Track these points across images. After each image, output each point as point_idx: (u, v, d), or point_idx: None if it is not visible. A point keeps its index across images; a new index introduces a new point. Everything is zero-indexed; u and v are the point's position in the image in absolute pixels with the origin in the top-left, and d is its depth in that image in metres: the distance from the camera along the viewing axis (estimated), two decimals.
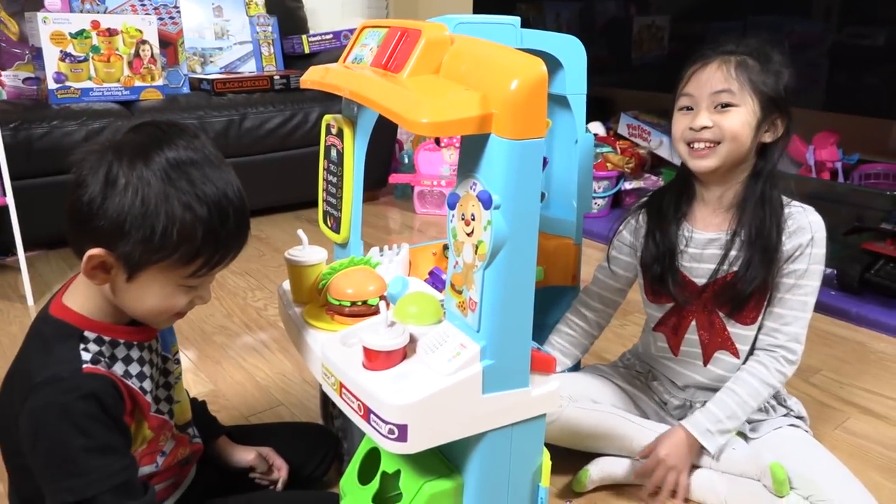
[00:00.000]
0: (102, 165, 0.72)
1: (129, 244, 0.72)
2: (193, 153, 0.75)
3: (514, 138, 0.70)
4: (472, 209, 0.74)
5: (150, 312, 0.79)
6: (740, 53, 1.04)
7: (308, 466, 1.09)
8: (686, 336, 1.15)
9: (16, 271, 2.02)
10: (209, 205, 0.74)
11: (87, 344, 0.77)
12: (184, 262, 0.75)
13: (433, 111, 0.70)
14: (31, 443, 0.73)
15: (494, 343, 0.75)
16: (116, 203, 0.71)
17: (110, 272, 0.75)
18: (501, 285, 0.73)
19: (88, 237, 0.73)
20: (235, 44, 2.75)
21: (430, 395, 0.73)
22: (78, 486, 0.72)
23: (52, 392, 0.72)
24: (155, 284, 0.76)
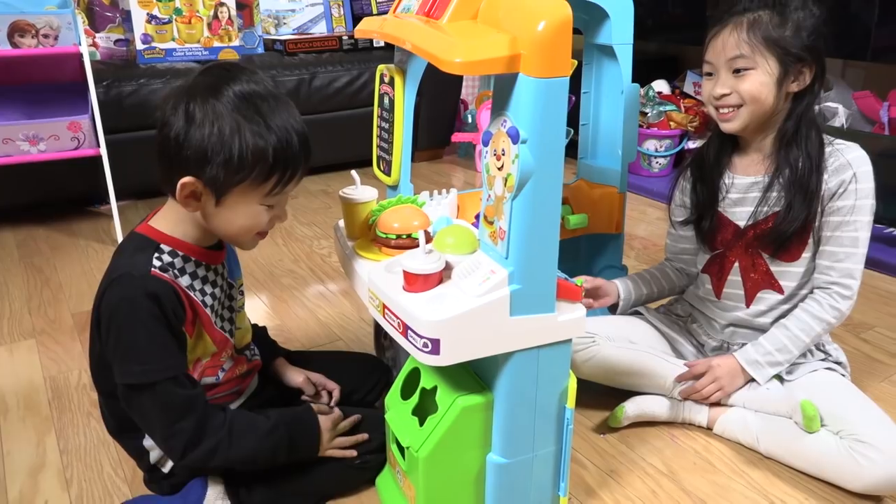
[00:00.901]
0: (181, 105, 0.83)
1: (213, 168, 0.83)
2: (256, 86, 0.86)
3: (540, 77, 0.75)
4: (502, 145, 0.81)
5: (239, 231, 0.90)
6: (754, 10, 1.05)
7: (360, 391, 1.19)
8: (729, 278, 1.18)
9: (108, 218, 2.22)
10: (275, 129, 0.85)
11: (161, 255, 0.88)
12: (261, 181, 0.86)
13: (465, 51, 0.76)
14: (105, 331, 0.85)
15: (521, 269, 0.82)
16: (197, 134, 0.82)
17: (201, 199, 0.86)
18: (528, 215, 0.79)
19: (178, 168, 0.84)
20: (307, 6, 2.85)
21: (461, 314, 0.81)
22: (137, 372, 0.84)
23: (122, 288, 0.84)
24: (240, 205, 0.87)
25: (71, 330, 1.56)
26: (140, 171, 2.29)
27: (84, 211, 2.32)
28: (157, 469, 0.97)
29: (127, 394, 0.87)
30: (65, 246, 2.05)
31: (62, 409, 1.27)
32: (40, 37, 1.83)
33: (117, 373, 0.86)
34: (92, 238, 2.11)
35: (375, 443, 1.04)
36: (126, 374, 0.85)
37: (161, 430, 0.87)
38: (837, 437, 1.03)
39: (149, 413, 0.87)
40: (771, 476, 1.08)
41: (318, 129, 2.56)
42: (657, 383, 1.18)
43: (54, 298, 1.72)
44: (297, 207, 2.34)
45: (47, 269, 1.89)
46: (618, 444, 1.16)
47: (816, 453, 1.04)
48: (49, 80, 2.06)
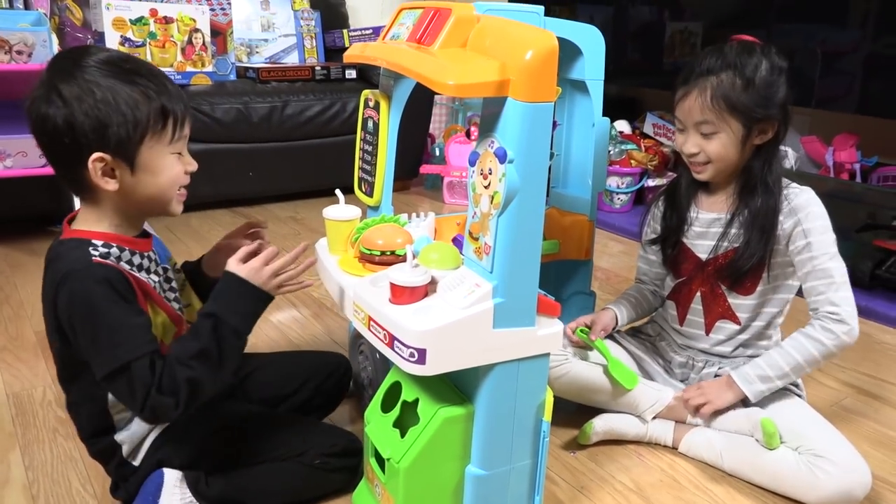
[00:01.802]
0: (52, 93, 0.83)
1: (114, 133, 0.84)
2: (109, 52, 0.89)
3: (527, 101, 0.80)
4: (489, 164, 0.85)
5: (164, 188, 0.91)
6: (719, 71, 1.10)
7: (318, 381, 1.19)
8: (692, 306, 1.25)
9: None
10: (147, 77, 0.87)
11: (96, 248, 0.88)
12: (159, 130, 0.88)
13: (458, 75, 0.81)
14: (70, 331, 0.85)
15: (505, 283, 0.85)
16: (84, 108, 0.83)
17: (116, 174, 0.87)
18: (513, 230, 0.83)
19: (80, 152, 0.84)
20: (280, 36, 2.90)
21: (447, 325, 0.84)
22: (112, 355, 0.83)
23: (72, 281, 0.84)
24: (154, 161, 0.88)
25: (34, 347, 1.53)
26: None
27: (45, 231, 2.27)
28: (127, 464, 0.97)
29: (110, 386, 0.87)
30: (25, 264, 2.01)
31: (26, 426, 1.24)
32: (13, 53, 1.83)
33: (95, 367, 0.86)
34: None
35: (339, 447, 1.04)
36: (101, 364, 0.85)
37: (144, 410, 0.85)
38: (796, 452, 1.08)
39: (129, 396, 0.85)
40: (733, 492, 1.13)
41: (288, 155, 2.59)
42: (626, 402, 1.23)
43: (15, 316, 1.68)
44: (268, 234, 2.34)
45: (7, 286, 1.85)
46: (587, 462, 1.20)
47: (776, 468, 1.09)
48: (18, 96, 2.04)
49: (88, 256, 0.85)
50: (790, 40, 2.35)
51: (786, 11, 2.37)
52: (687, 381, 1.28)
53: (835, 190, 2.12)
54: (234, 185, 2.53)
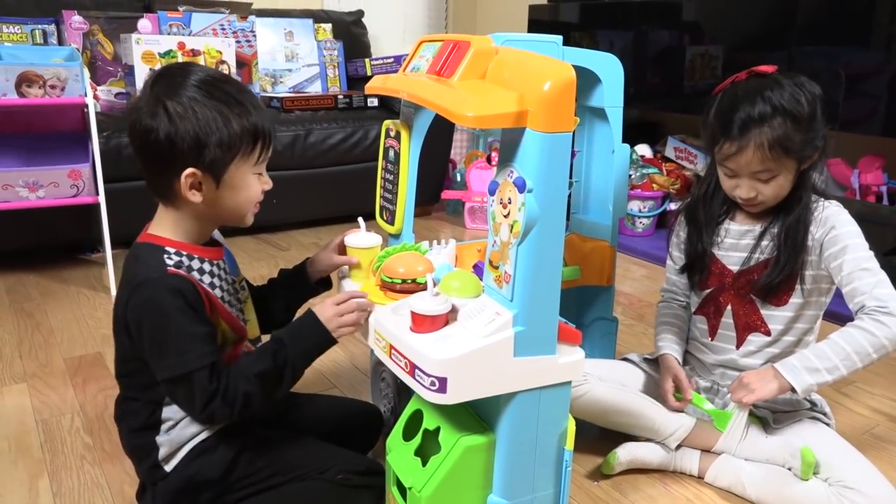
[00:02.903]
0: (158, 108, 0.90)
1: (209, 152, 0.90)
2: (208, 72, 0.94)
3: (545, 131, 0.81)
4: (508, 193, 0.86)
5: (243, 203, 0.98)
6: (770, 118, 1.09)
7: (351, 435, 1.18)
8: (723, 320, 1.24)
9: (99, 266, 2.23)
10: (244, 100, 0.94)
11: (170, 255, 0.93)
12: (248, 152, 0.94)
13: (477, 106, 0.82)
14: (138, 334, 0.90)
15: (525, 311, 0.86)
16: (186, 126, 0.89)
17: (202, 188, 0.92)
18: (533, 259, 0.84)
19: (176, 165, 0.90)
20: (304, 66, 2.96)
21: (468, 353, 0.84)
22: (176, 363, 0.89)
23: (146, 289, 0.89)
24: (237, 179, 0.95)
25: (63, 374, 1.55)
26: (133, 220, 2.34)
27: (75, 258, 2.33)
28: (159, 468, 0.99)
29: (168, 389, 0.92)
30: (55, 292, 2.05)
31: (55, 452, 1.26)
32: (47, 87, 1.89)
33: (156, 370, 0.91)
34: (83, 285, 2.11)
35: (362, 465, 1.05)
36: (164, 368, 0.90)
37: (202, 414, 0.91)
38: (826, 483, 1.06)
39: (188, 401, 0.92)
40: None
41: (311, 183, 2.62)
42: (646, 426, 1.21)
43: (45, 343, 1.71)
44: (289, 260, 2.37)
45: (38, 314, 1.89)
46: (611, 492, 1.18)
47: (806, 500, 1.07)
48: (50, 129, 2.11)
49: (163, 265, 0.92)
50: (813, 62, 2.34)
51: (808, 34, 2.36)
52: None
53: (861, 212, 2.07)
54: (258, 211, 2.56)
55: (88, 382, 1.51)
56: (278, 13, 2.97)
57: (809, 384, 1.08)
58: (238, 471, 1.01)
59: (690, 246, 1.26)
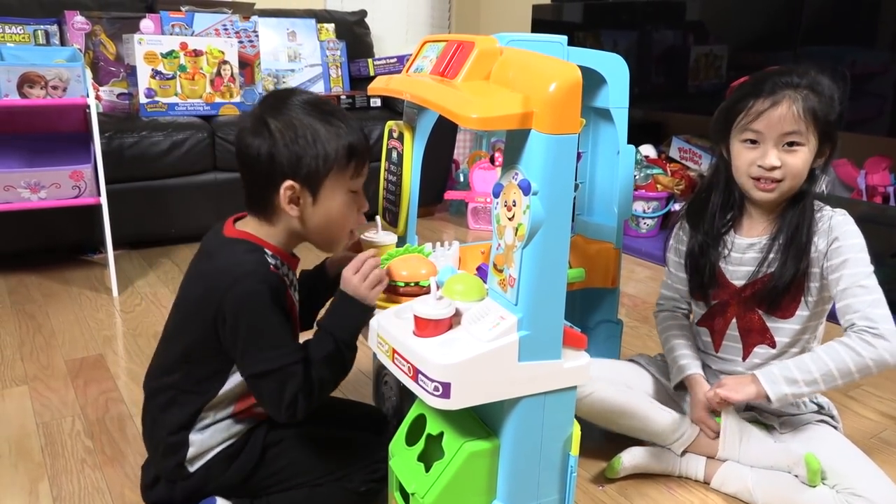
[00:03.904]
0: (261, 126, 0.95)
1: (307, 165, 0.95)
2: (309, 95, 1.00)
3: (551, 133, 0.80)
4: (513, 196, 0.85)
5: (337, 221, 1.01)
6: (804, 87, 1.08)
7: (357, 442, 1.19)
8: (728, 332, 1.22)
9: (101, 267, 2.23)
10: (340, 118, 0.99)
11: (268, 256, 0.98)
12: (343, 168, 0.97)
13: (481, 108, 0.81)
14: (234, 322, 0.93)
15: (530, 315, 0.84)
16: (286, 141, 0.94)
17: (299, 202, 0.97)
18: (537, 262, 0.83)
19: (275, 179, 0.95)
20: (306, 66, 2.95)
21: (471, 358, 0.83)
22: (273, 356, 0.93)
23: (252, 281, 0.93)
24: (333, 194, 0.98)
25: (64, 377, 1.54)
26: (136, 220, 2.35)
27: (76, 259, 2.32)
28: (183, 467, 1.00)
29: (255, 383, 0.95)
30: (57, 293, 2.04)
31: (55, 456, 1.25)
32: (49, 88, 1.88)
33: (247, 363, 0.94)
34: (85, 286, 2.10)
35: (378, 474, 1.05)
36: (258, 361, 0.93)
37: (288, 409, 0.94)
38: (833, 490, 1.05)
39: (276, 395, 0.94)
40: None
41: None
42: (652, 430, 1.20)
43: (47, 345, 1.70)
44: None
45: (39, 315, 1.88)
46: (616, 496, 1.17)
47: None
48: (52, 129, 2.10)
49: (266, 263, 0.96)
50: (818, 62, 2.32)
51: (813, 33, 2.35)
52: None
53: (868, 214, 2.08)
54: None
55: (90, 385, 1.51)
56: (281, 13, 2.96)
57: (785, 394, 1.09)
58: (259, 473, 1.03)
59: (694, 258, 1.23)
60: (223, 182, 2.43)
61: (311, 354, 0.96)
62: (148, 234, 2.44)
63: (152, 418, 1.03)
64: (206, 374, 0.99)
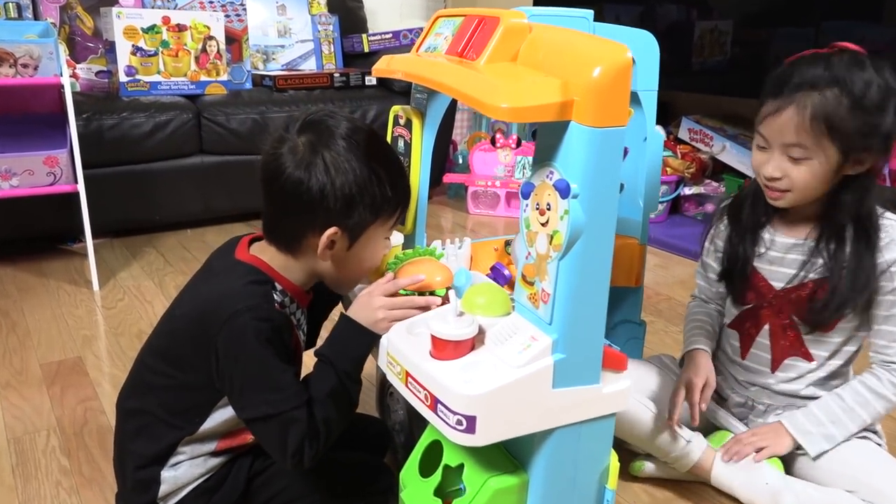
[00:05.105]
0: (313, 158, 0.83)
1: (359, 211, 0.85)
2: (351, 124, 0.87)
3: (595, 126, 0.68)
4: (547, 198, 0.73)
5: (367, 268, 0.93)
6: (823, 85, 0.94)
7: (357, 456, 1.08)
8: (757, 339, 1.11)
9: (81, 257, 2.09)
10: (394, 162, 0.91)
11: (276, 292, 0.88)
12: (389, 215, 0.89)
13: (513, 96, 0.69)
14: (231, 360, 0.82)
15: (567, 336, 0.73)
16: (342, 183, 0.83)
17: (334, 246, 0.87)
18: (577, 277, 0.71)
19: (318, 219, 0.84)
20: (297, 42, 2.79)
21: (500, 387, 0.72)
22: (274, 400, 0.82)
23: (253, 317, 0.82)
24: (371, 242, 0.89)
25: (39, 383, 1.42)
26: (118, 207, 2.21)
27: (55, 249, 2.19)
28: None
29: (257, 427, 0.85)
30: (34, 287, 1.91)
31: (27, 478, 1.13)
32: (19, 66, 1.73)
33: (245, 406, 0.84)
34: (64, 279, 1.97)
35: (382, 485, 0.98)
36: (258, 404, 0.83)
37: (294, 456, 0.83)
38: None
39: (278, 441, 0.83)
40: None
41: None
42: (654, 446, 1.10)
43: (21, 346, 1.58)
44: None
45: (14, 312, 1.76)
46: None
47: None
48: (25, 111, 1.95)
49: (271, 300, 0.86)
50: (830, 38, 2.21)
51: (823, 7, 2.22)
52: (747, 422, 1.15)
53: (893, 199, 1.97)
54: (251, 198, 2.40)
55: (66, 392, 1.39)
56: None
57: (823, 449, 1.04)
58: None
59: (731, 252, 1.12)
60: (210, 166, 2.29)
61: (312, 392, 0.85)
62: (131, 221, 2.30)
63: (121, 447, 0.92)
64: (184, 406, 0.87)
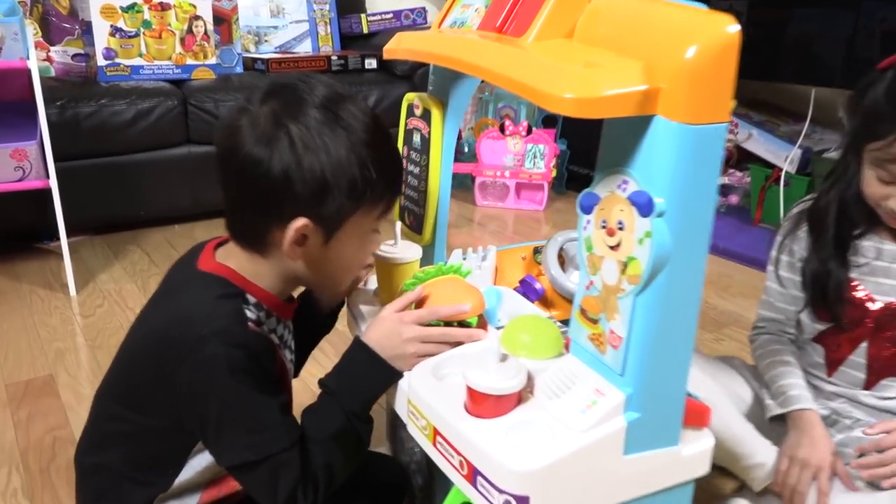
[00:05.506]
0: (275, 132, 0.66)
1: (333, 200, 0.67)
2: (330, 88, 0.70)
3: (688, 122, 0.52)
4: (619, 215, 0.57)
5: (349, 268, 0.77)
6: None
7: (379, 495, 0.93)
8: (850, 358, 0.96)
9: (59, 257, 1.91)
10: (383, 136, 0.71)
11: (249, 306, 0.71)
12: (375, 202, 0.71)
13: (580, 84, 0.52)
14: (201, 398, 0.66)
15: (644, 391, 0.57)
16: (312, 163, 0.65)
17: (305, 243, 0.69)
18: (659, 317, 0.55)
19: (283, 210, 0.67)
20: (291, 22, 2.61)
21: (561, 459, 0.56)
22: (259, 442, 0.67)
23: (222, 344, 0.65)
24: (353, 236, 0.72)
25: (3, 407, 1.26)
26: (98, 202, 2.04)
27: (30, 248, 2.01)
28: None
29: (242, 475, 0.70)
30: (5, 292, 1.74)
31: None
32: None
33: (224, 451, 0.69)
34: (38, 283, 1.80)
35: None
36: (240, 449, 0.67)
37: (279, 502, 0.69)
38: None
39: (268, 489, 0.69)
40: None
41: None
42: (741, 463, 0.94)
43: None
44: None
45: None
46: None
47: None
48: None
49: (243, 318, 0.69)
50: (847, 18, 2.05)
51: None
52: None
53: None
54: None
55: (34, 420, 1.22)
56: None
57: None
58: None
59: (819, 265, 0.96)
60: (198, 156, 2.11)
61: (311, 432, 0.70)
62: (112, 217, 2.13)
63: None
64: (153, 457, 0.72)
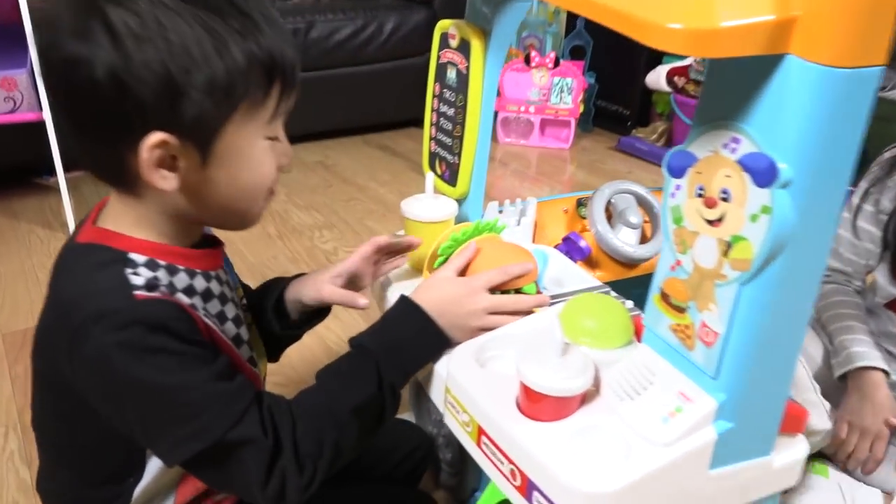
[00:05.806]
0: (92, 22, 0.48)
1: (191, 103, 0.50)
2: None
3: (832, 64, 0.39)
4: (724, 182, 0.45)
5: (248, 191, 0.58)
6: None
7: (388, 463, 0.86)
8: None
9: (58, 193, 1.81)
10: (247, 9, 0.52)
11: (136, 268, 0.54)
12: (259, 100, 0.54)
13: (690, 12, 0.40)
14: (112, 397, 0.54)
15: (741, 399, 0.47)
16: (147, 57, 0.48)
17: (177, 166, 0.53)
18: (771, 314, 0.45)
19: (129, 127, 0.50)
20: None
21: (640, 479, 0.46)
22: (199, 428, 0.53)
23: (105, 331, 0.51)
24: (240, 149, 0.55)
25: (0, 359, 1.19)
26: None
27: (29, 184, 1.91)
28: None
29: (202, 471, 0.58)
30: (2, 232, 1.65)
31: None
32: None
33: (164, 451, 0.56)
34: (36, 221, 1.71)
35: None
36: (182, 444, 0.54)
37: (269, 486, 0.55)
38: None
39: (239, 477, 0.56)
40: None
41: (315, 87, 2.16)
42: None
43: None
44: (289, 184, 1.95)
45: None
46: None
47: None
48: None
49: (127, 287, 0.53)
50: None
51: None
52: None
53: None
54: None
55: None
56: None
57: None
58: None
59: None
60: None
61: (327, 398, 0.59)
62: None
63: None
64: (106, 468, 0.60)
